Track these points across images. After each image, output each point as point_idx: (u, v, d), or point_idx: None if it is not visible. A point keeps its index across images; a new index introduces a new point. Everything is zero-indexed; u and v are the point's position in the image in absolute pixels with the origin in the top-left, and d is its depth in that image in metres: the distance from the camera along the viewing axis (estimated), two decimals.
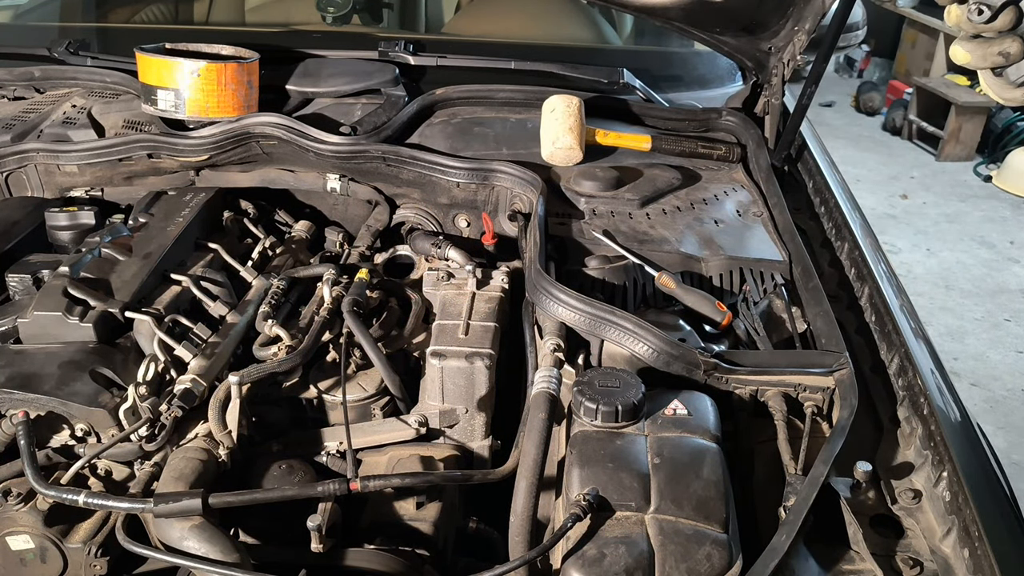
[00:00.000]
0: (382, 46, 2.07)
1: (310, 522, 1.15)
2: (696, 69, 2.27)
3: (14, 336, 1.41)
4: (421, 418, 1.40)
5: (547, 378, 1.23)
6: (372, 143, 1.78)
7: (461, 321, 1.45)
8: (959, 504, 1.05)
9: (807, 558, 1.03)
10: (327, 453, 1.39)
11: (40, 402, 1.26)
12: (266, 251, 1.77)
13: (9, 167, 1.86)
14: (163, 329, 1.38)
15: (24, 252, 1.63)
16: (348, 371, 1.44)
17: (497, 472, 1.24)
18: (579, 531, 1.03)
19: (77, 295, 1.40)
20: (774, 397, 1.28)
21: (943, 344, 4.18)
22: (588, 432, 1.17)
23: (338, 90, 2.00)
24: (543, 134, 1.79)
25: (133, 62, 1.89)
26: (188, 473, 1.23)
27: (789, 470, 1.16)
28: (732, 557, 1.00)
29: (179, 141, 1.81)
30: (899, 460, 1.21)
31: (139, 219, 1.70)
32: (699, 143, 1.88)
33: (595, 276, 1.53)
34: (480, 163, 1.75)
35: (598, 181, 1.71)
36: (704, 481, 1.08)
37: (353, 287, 1.52)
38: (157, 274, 1.51)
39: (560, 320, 1.34)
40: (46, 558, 1.23)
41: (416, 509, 1.28)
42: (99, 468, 1.32)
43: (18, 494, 1.22)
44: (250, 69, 1.86)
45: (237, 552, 1.15)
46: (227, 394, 1.32)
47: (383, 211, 1.87)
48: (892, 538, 1.07)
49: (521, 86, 1.99)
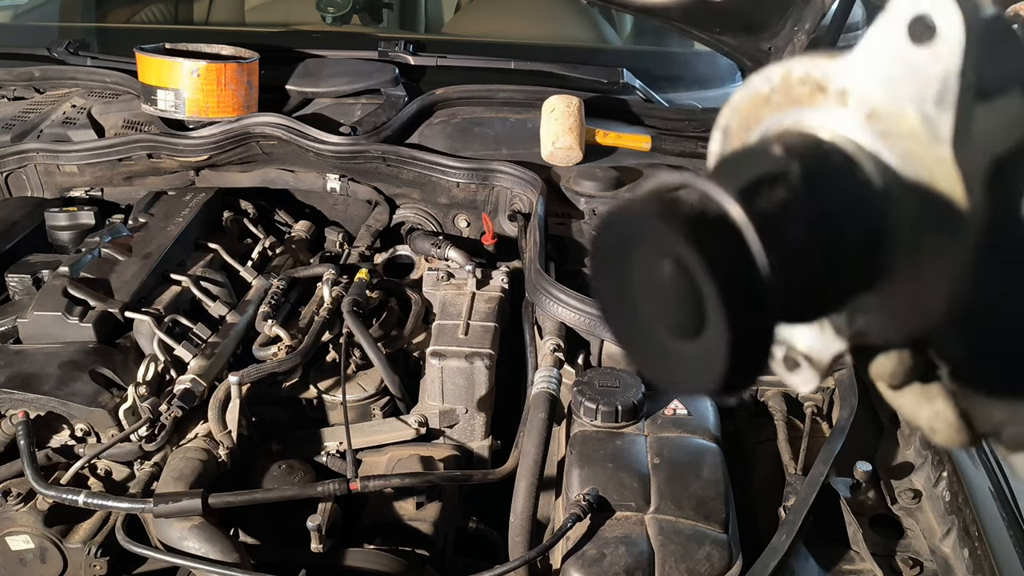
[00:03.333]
0: (382, 46, 2.07)
1: (310, 522, 1.15)
2: (696, 69, 2.27)
3: (14, 336, 1.40)
4: (421, 418, 1.40)
5: (547, 378, 1.23)
6: (372, 143, 1.78)
7: (461, 321, 1.45)
8: (959, 504, 1.05)
9: (807, 558, 1.03)
10: (327, 453, 1.39)
11: (40, 402, 1.26)
12: (266, 251, 1.77)
13: (9, 167, 1.86)
14: (163, 329, 1.38)
15: (24, 252, 1.62)
16: (348, 371, 1.43)
17: (497, 472, 1.24)
18: (579, 531, 1.03)
19: (77, 295, 1.40)
20: (774, 397, 1.28)
21: None
22: (588, 432, 1.17)
23: (338, 90, 2.00)
24: (543, 134, 1.79)
25: (133, 62, 1.89)
26: (188, 473, 1.23)
27: (789, 470, 1.16)
28: (732, 557, 1.00)
29: (179, 141, 1.81)
30: (899, 460, 1.21)
31: (139, 219, 1.70)
32: (699, 143, 1.88)
33: None
34: (480, 163, 1.75)
35: (598, 181, 1.71)
36: (704, 481, 1.08)
37: (353, 287, 1.52)
38: (157, 274, 1.51)
39: (560, 320, 1.34)
40: (46, 558, 1.23)
41: (416, 509, 1.28)
42: (99, 468, 1.32)
43: (18, 494, 1.22)
44: (250, 69, 1.86)
45: (237, 552, 1.15)
46: (227, 394, 1.32)
47: (383, 211, 1.87)
48: (892, 538, 1.07)
49: (521, 86, 1.98)
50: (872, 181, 0.34)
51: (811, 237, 0.32)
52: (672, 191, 0.32)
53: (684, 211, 0.30)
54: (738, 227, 0.30)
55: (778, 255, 0.30)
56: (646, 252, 0.32)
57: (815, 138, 0.35)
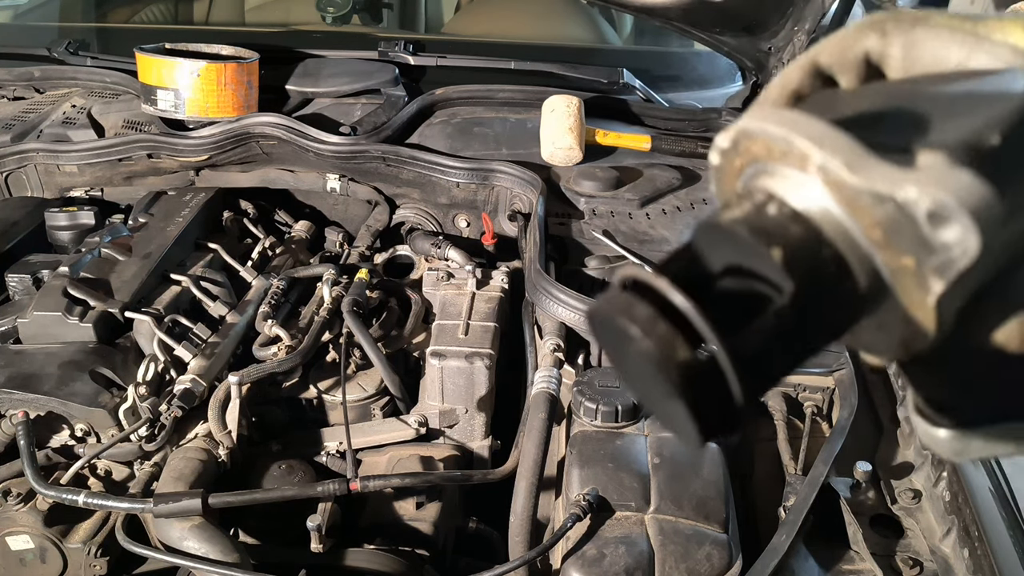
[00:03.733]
0: (382, 46, 2.07)
1: (310, 522, 1.15)
2: (696, 69, 2.27)
3: (14, 336, 1.41)
4: (421, 418, 1.40)
5: (547, 378, 1.23)
6: (372, 143, 1.78)
7: (461, 321, 1.45)
8: (959, 504, 1.05)
9: (807, 558, 1.03)
10: (327, 453, 1.39)
11: (40, 402, 1.26)
12: (266, 251, 1.77)
13: (9, 167, 1.86)
14: (163, 329, 1.38)
15: (24, 252, 1.63)
16: (348, 371, 1.43)
17: (497, 472, 1.24)
18: (579, 531, 1.03)
19: (77, 295, 1.40)
20: (774, 397, 1.28)
21: None
22: (588, 432, 1.17)
23: (338, 90, 2.00)
24: (543, 134, 1.79)
25: (133, 62, 1.89)
26: (188, 473, 1.23)
27: (789, 470, 1.16)
28: (732, 557, 1.00)
29: (179, 141, 1.81)
30: (899, 460, 1.21)
31: (139, 219, 1.70)
32: (699, 143, 1.88)
33: (595, 276, 1.53)
34: (480, 163, 1.75)
35: (598, 181, 1.71)
36: (704, 481, 1.08)
37: (353, 287, 1.52)
38: (157, 274, 1.51)
39: (560, 320, 1.34)
40: (46, 558, 1.23)
41: (416, 509, 1.28)
42: (99, 468, 1.32)
43: (18, 494, 1.22)
44: (250, 69, 1.86)
45: (237, 552, 1.15)
46: (227, 394, 1.32)
47: (383, 211, 1.87)
48: (892, 538, 1.07)
49: (521, 86, 1.99)
50: (859, 287, 0.34)
51: (783, 344, 0.34)
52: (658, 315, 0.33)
53: (678, 359, 0.32)
54: (725, 376, 0.32)
55: (753, 372, 0.33)
56: (633, 366, 0.34)
57: (815, 236, 0.33)
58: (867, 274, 0.33)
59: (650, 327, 0.32)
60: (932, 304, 0.32)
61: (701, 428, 0.33)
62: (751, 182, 0.36)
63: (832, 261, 0.33)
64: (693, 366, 0.32)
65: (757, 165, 0.35)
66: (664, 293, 0.33)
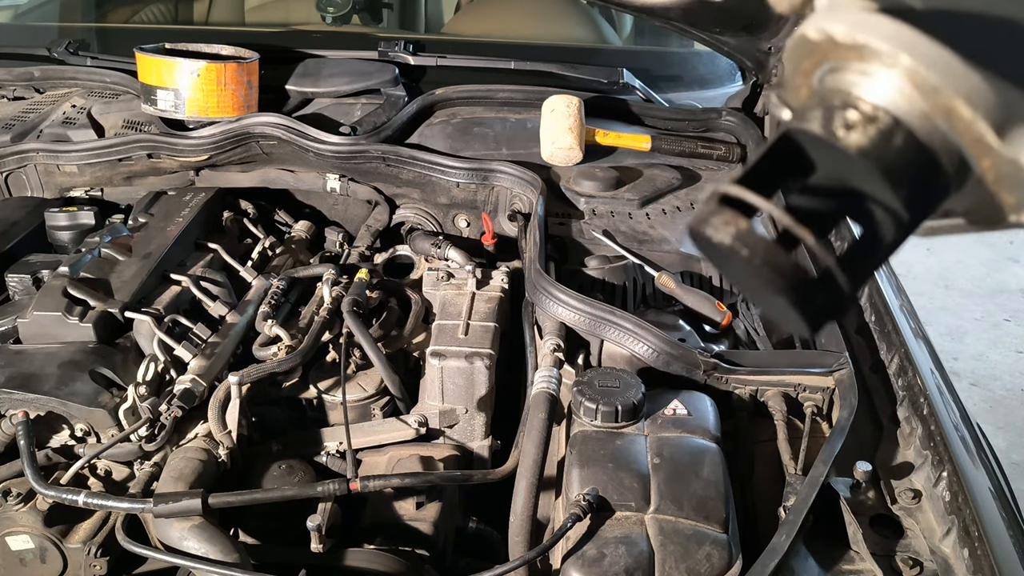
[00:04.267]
0: (382, 46, 2.07)
1: (310, 522, 1.15)
2: (696, 69, 2.27)
3: (14, 336, 1.41)
4: (421, 418, 1.40)
5: (547, 378, 1.23)
6: (372, 143, 1.78)
7: (461, 321, 1.45)
8: (959, 504, 1.05)
9: (807, 558, 1.03)
10: (327, 453, 1.39)
11: (40, 402, 1.26)
12: (266, 251, 1.77)
13: (9, 167, 1.86)
14: (163, 329, 1.38)
15: (24, 252, 1.63)
16: (348, 371, 1.44)
17: (497, 472, 1.24)
18: (579, 531, 1.03)
19: (77, 295, 1.40)
20: (774, 397, 1.28)
21: (943, 344, 4.17)
22: (588, 432, 1.17)
23: (338, 90, 2.00)
24: (543, 134, 1.79)
25: (133, 62, 1.89)
26: (188, 473, 1.23)
27: (789, 470, 1.16)
28: (732, 557, 1.00)
29: (179, 141, 1.81)
30: (899, 460, 1.21)
31: (139, 219, 1.70)
32: (699, 143, 1.88)
33: (595, 276, 1.53)
34: (480, 163, 1.75)
35: (598, 181, 1.71)
36: (704, 481, 1.08)
37: (353, 287, 1.52)
38: (157, 274, 1.51)
39: (560, 320, 1.34)
40: (46, 558, 1.23)
41: (416, 509, 1.28)
42: (99, 468, 1.32)
43: (18, 494, 1.22)
44: (250, 69, 1.86)
45: (237, 552, 1.15)
46: (227, 394, 1.32)
47: (383, 211, 1.87)
48: (892, 538, 1.07)
49: (521, 86, 1.99)
50: (945, 169, 0.36)
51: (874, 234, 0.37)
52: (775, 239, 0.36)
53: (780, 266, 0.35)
54: (831, 272, 0.35)
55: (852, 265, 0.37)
56: (737, 273, 0.38)
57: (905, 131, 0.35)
58: (951, 159, 0.35)
59: (750, 239, 0.35)
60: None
61: (807, 319, 0.37)
62: (826, 83, 0.38)
63: (919, 150, 0.35)
64: (795, 271, 0.35)
65: (831, 64, 0.37)
66: (758, 206, 0.36)
